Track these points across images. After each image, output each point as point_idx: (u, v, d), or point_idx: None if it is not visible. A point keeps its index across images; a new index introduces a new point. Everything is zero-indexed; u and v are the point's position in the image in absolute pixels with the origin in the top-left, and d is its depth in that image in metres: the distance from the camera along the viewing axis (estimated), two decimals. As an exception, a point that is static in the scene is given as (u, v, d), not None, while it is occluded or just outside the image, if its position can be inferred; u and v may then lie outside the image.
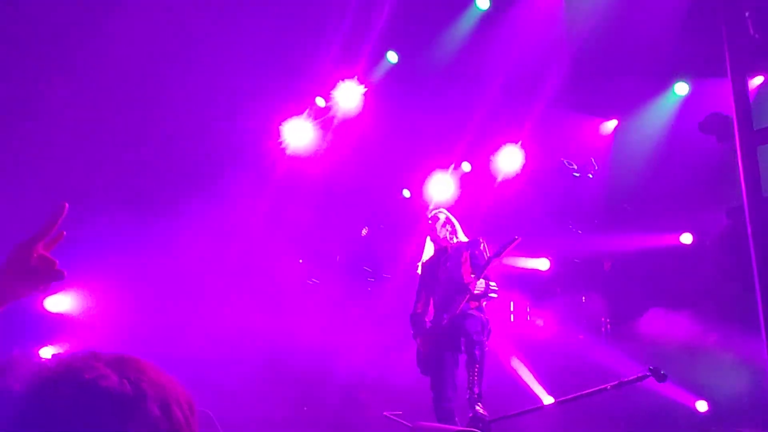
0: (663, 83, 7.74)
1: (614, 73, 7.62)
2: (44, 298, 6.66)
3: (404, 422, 5.78)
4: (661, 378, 4.71)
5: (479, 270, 5.17)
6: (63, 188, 7.12)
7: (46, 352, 6.68)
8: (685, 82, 7.68)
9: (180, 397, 0.86)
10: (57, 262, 1.35)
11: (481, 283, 5.12)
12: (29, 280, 1.32)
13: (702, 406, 6.55)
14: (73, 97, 6.97)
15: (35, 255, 1.32)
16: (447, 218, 5.61)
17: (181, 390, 0.88)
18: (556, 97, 7.72)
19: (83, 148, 7.29)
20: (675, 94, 7.74)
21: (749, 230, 2.87)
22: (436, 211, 5.76)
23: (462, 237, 5.57)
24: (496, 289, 5.20)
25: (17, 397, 0.80)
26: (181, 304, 7.51)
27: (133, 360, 0.87)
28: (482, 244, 5.37)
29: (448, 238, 5.51)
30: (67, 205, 1.38)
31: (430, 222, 5.62)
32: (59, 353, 0.91)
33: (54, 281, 1.35)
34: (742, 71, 2.94)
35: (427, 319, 5.52)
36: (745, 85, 2.96)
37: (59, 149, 7.16)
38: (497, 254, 5.18)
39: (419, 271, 5.70)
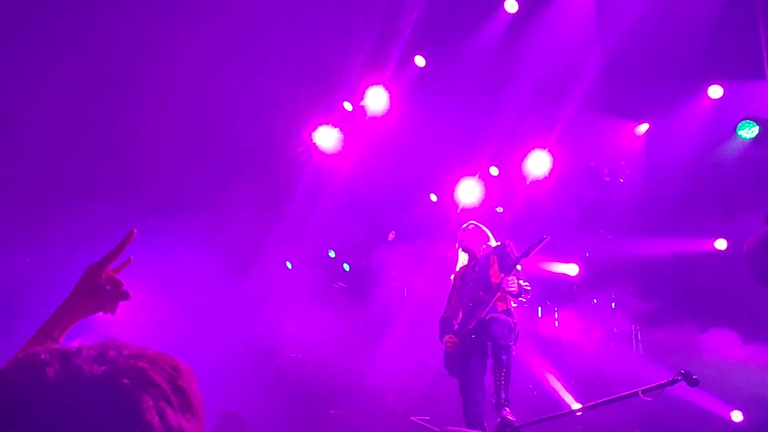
0: (696, 86, 7.60)
1: (646, 75, 7.51)
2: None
3: (432, 427, 5.76)
4: (693, 383, 4.59)
5: (508, 269, 5.13)
6: (99, 190, 7.27)
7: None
8: (719, 85, 7.53)
9: (165, 365, 0.83)
10: (124, 283, 1.47)
11: (512, 282, 5.04)
12: (98, 299, 1.44)
13: (737, 416, 6.40)
14: (98, 96, 7.10)
15: (104, 276, 1.45)
16: (479, 229, 5.63)
17: (169, 361, 0.85)
18: (586, 100, 7.63)
19: (113, 150, 7.42)
20: (709, 96, 7.59)
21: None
22: (469, 224, 5.77)
23: (493, 243, 5.58)
24: (530, 288, 5.14)
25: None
26: (210, 305, 7.59)
27: (112, 340, 0.84)
28: (509, 246, 5.35)
29: (480, 248, 5.54)
30: (135, 230, 1.51)
31: (463, 235, 5.63)
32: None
33: (121, 301, 1.47)
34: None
35: (455, 323, 5.51)
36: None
37: (87, 151, 7.31)
38: (526, 253, 5.15)
39: (452, 278, 5.72)
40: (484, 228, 5.67)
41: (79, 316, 1.43)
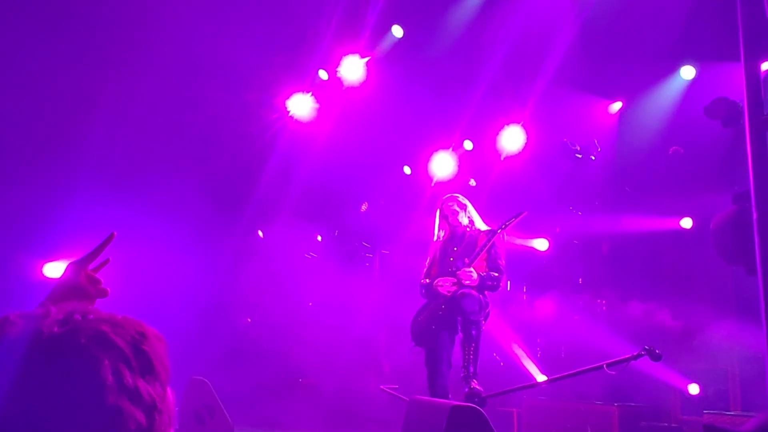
0: (669, 66, 7.67)
1: (620, 53, 7.55)
2: (43, 264, 6.68)
3: (400, 396, 5.84)
4: (656, 357, 4.75)
5: (489, 250, 5.19)
6: (63, 159, 7.08)
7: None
8: (692, 65, 7.61)
9: (129, 329, 0.84)
10: (102, 281, 1.54)
11: (470, 273, 5.13)
12: (77, 296, 1.50)
13: (694, 389, 6.62)
14: (66, 63, 6.88)
15: (83, 275, 1.51)
16: (463, 204, 5.51)
17: (135, 326, 0.86)
18: (561, 77, 7.65)
19: (78, 118, 7.21)
20: (681, 77, 7.67)
21: (755, 216, 2.87)
22: (452, 195, 5.64)
23: (480, 224, 5.49)
24: (497, 275, 5.21)
25: None
26: (181, 274, 7.51)
27: (82, 306, 0.86)
28: (504, 235, 5.30)
29: (464, 223, 5.44)
30: (115, 233, 1.58)
31: (448, 205, 5.52)
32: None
33: (99, 298, 1.53)
34: (755, 55, 2.91)
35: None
36: (758, 69, 2.93)
37: (50, 118, 7.10)
38: (503, 227, 5.19)
39: (429, 253, 5.63)
40: (469, 204, 5.57)
41: None
